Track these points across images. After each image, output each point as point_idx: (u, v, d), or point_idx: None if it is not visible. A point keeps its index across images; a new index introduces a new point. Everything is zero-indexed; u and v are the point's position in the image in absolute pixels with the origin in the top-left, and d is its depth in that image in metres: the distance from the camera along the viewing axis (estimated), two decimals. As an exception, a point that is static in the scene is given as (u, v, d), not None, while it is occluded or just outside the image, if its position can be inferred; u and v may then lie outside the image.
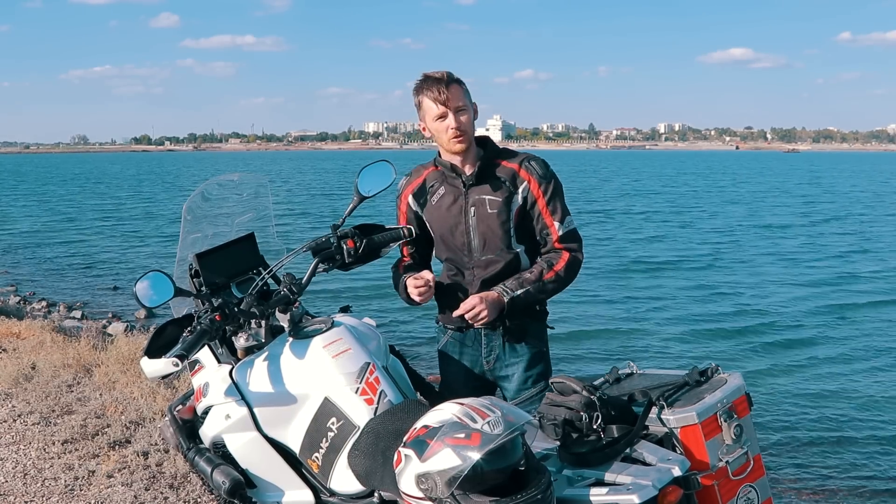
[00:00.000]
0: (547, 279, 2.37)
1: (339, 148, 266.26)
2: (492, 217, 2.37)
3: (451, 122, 2.35)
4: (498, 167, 2.41)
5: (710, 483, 1.79)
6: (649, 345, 8.74)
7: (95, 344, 5.93)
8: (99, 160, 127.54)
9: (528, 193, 2.37)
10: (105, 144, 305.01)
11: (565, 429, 1.86)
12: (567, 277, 2.40)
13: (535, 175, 2.38)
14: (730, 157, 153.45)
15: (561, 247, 2.40)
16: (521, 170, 2.39)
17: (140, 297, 2.01)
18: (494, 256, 2.39)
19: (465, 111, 2.37)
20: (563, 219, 2.40)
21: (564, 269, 2.39)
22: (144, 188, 42.73)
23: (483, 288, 2.40)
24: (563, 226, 2.40)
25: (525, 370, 2.45)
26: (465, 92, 2.39)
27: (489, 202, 2.38)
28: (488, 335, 2.45)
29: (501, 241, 2.38)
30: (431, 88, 2.36)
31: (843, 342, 8.87)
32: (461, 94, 2.37)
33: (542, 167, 2.40)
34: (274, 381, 2.05)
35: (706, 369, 1.97)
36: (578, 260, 2.43)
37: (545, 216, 2.39)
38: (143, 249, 17.18)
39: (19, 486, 3.47)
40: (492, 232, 2.38)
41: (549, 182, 2.38)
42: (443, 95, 2.34)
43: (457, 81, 2.38)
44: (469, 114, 2.39)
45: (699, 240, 18.61)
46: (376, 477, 1.85)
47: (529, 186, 2.37)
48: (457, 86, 2.37)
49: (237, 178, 2.62)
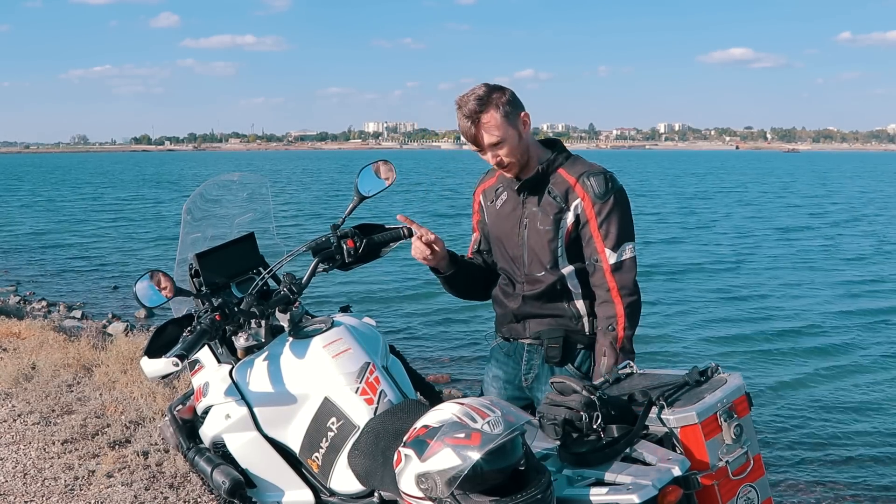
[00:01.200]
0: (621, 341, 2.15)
1: (339, 148, 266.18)
2: (541, 233, 2.23)
3: (489, 159, 2.22)
4: (556, 179, 2.23)
5: (710, 483, 1.79)
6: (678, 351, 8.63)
7: (95, 344, 5.93)
8: (99, 160, 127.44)
9: (580, 212, 2.18)
10: (105, 144, 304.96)
11: (565, 429, 1.86)
12: (633, 325, 2.18)
13: (590, 193, 2.16)
14: (731, 156, 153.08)
15: (612, 281, 2.16)
16: (578, 185, 2.18)
17: (140, 297, 2.01)
18: (539, 275, 2.26)
19: (502, 144, 2.17)
20: (619, 245, 2.16)
21: (626, 321, 2.15)
22: (144, 188, 42.74)
23: (525, 304, 2.28)
24: (617, 254, 2.16)
25: None
26: (505, 114, 2.16)
27: (540, 217, 2.23)
28: (530, 352, 2.34)
29: (547, 260, 2.24)
30: (462, 123, 2.18)
31: (851, 344, 8.81)
32: (495, 125, 2.16)
33: (601, 184, 2.16)
34: (274, 381, 2.05)
35: (706, 369, 1.97)
36: (637, 303, 2.18)
37: (596, 240, 2.17)
38: (142, 249, 17.18)
39: (19, 486, 3.48)
40: (540, 248, 2.24)
41: (605, 202, 2.15)
42: (471, 135, 2.18)
43: (490, 107, 2.15)
44: (509, 143, 2.18)
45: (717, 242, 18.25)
46: (376, 477, 1.85)
47: (583, 204, 2.17)
48: (490, 116, 2.15)
49: (237, 178, 2.62)
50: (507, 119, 2.18)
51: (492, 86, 2.21)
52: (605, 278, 2.17)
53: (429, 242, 2.28)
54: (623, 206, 2.19)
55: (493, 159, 2.23)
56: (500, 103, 2.17)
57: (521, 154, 2.23)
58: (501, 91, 2.20)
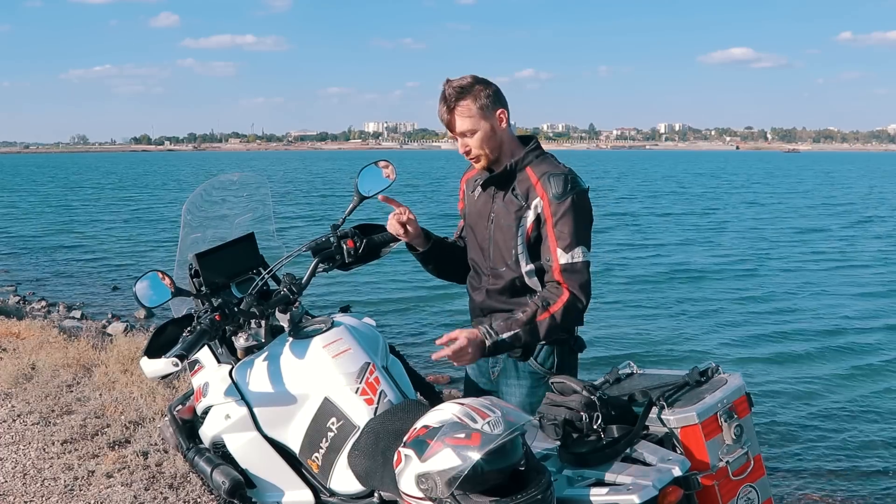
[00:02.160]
0: (540, 321, 2.13)
1: (339, 148, 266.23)
2: (504, 229, 2.26)
3: (459, 147, 2.27)
4: (522, 177, 2.25)
5: (711, 483, 1.79)
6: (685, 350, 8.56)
7: (95, 344, 5.93)
8: (99, 160, 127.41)
9: (540, 211, 2.19)
10: (105, 144, 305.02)
11: (565, 429, 1.86)
12: (564, 322, 2.15)
13: (549, 193, 2.17)
14: (733, 157, 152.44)
15: (561, 280, 2.16)
16: (539, 184, 2.20)
17: (140, 297, 2.01)
18: (501, 270, 2.28)
19: (473, 133, 2.22)
20: (571, 248, 2.15)
21: (562, 312, 2.13)
22: (144, 188, 42.74)
23: (489, 298, 2.32)
24: (569, 256, 2.15)
25: (526, 395, 2.30)
26: (482, 106, 2.21)
27: (504, 214, 2.26)
28: None
29: (509, 257, 2.26)
30: (440, 109, 2.24)
31: (857, 346, 8.73)
32: (468, 114, 2.21)
33: (560, 185, 2.16)
34: (274, 381, 2.05)
35: (706, 369, 1.97)
36: (580, 304, 2.15)
37: (550, 240, 2.17)
38: (142, 249, 17.17)
39: (19, 486, 3.47)
40: (503, 244, 2.26)
41: (561, 202, 2.15)
42: (445, 120, 2.25)
43: (469, 95, 2.20)
44: (480, 133, 2.22)
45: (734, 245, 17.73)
46: (376, 477, 1.85)
47: (542, 204, 2.18)
48: (466, 104, 2.20)
49: (237, 178, 2.62)
50: (483, 111, 2.22)
51: (478, 78, 2.26)
52: (556, 278, 2.18)
53: (401, 222, 2.32)
54: (580, 209, 2.18)
55: (463, 148, 2.28)
56: (480, 95, 2.22)
57: (491, 148, 2.26)
58: (485, 84, 2.24)
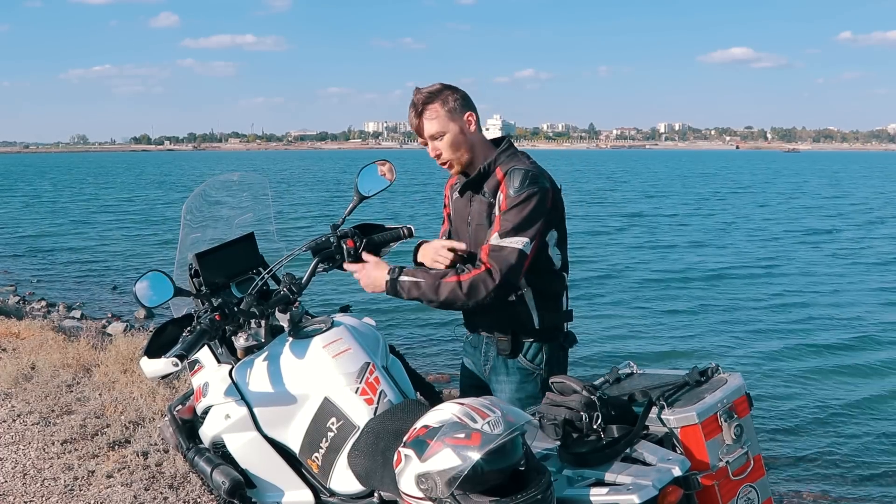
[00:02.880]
0: (446, 282, 2.14)
1: (338, 148, 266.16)
2: (480, 230, 2.29)
3: (430, 152, 2.31)
4: (492, 177, 2.29)
5: (711, 483, 1.79)
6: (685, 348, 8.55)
7: (95, 344, 5.93)
8: (99, 160, 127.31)
9: (500, 203, 2.22)
10: (105, 144, 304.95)
11: (565, 429, 1.86)
12: (469, 293, 2.13)
13: (509, 186, 2.20)
14: (734, 156, 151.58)
15: (485, 260, 2.16)
16: (503, 180, 2.24)
17: (140, 297, 2.01)
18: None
19: (441, 136, 2.26)
20: (506, 235, 2.15)
21: (469, 282, 2.13)
22: (144, 188, 42.74)
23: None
24: (500, 240, 2.15)
25: (515, 391, 2.33)
26: (449, 110, 2.25)
27: (478, 215, 2.30)
28: (487, 343, 2.39)
29: None
30: (409, 113, 2.29)
31: (863, 346, 8.72)
32: (436, 117, 2.25)
33: (519, 180, 2.19)
34: (274, 381, 2.05)
35: (706, 369, 1.97)
36: (490, 282, 2.13)
37: (494, 225, 2.20)
38: (142, 249, 17.17)
39: (19, 486, 3.47)
40: (479, 243, 2.27)
41: (517, 195, 2.17)
42: (414, 125, 2.29)
43: (437, 99, 2.25)
44: (449, 136, 2.26)
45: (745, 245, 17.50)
46: (376, 477, 1.85)
47: (501, 197, 2.22)
48: (433, 108, 2.25)
49: (237, 178, 2.62)
50: (451, 114, 2.26)
51: (446, 84, 2.32)
52: (480, 256, 2.18)
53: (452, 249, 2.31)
54: (532, 204, 2.17)
55: (433, 152, 2.31)
56: (447, 99, 2.27)
57: (461, 151, 2.29)
58: (453, 90, 2.30)
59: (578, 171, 62.97)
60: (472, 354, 2.49)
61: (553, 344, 2.36)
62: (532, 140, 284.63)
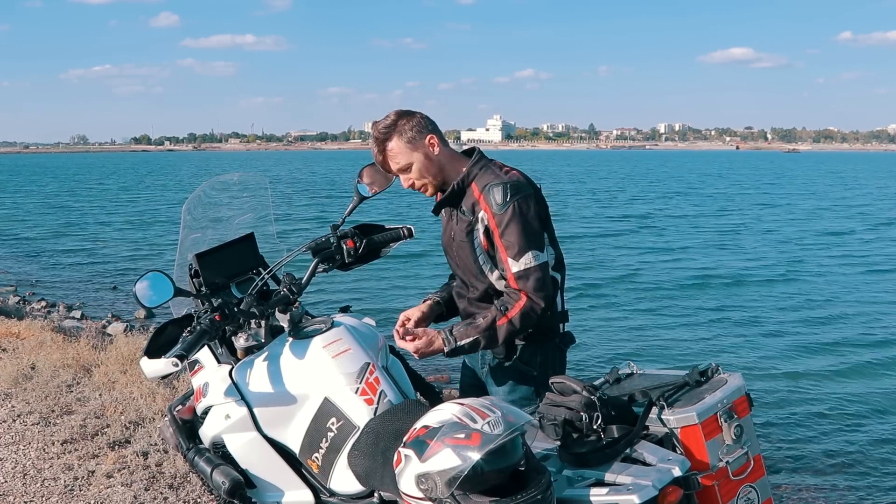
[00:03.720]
0: (499, 325, 2.18)
1: (338, 148, 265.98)
2: (462, 246, 2.30)
3: (403, 183, 2.32)
4: (468, 194, 2.28)
5: (711, 483, 1.79)
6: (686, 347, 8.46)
7: (95, 344, 5.93)
8: (99, 160, 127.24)
9: (487, 223, 2.21)
10: (105, 144, 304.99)
11: (565, 429, 1.86)
12: (522, 325, 2.18)
13: (492, 205, 2.19)
14: (736, 157, 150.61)
15: (517, 287, 2.19)
16: (481, 198, 2.22)
17: (140, 297, 2.01)
18: (473, 284, 2.32)
19: (409, 166, 2.26)
20: (520, 255, 2.17)
21: (519, 316, 2.17)
22: (144, 188, 42.74)
23: (471, 305, 2.36)
24: (520, 263, 2.18)
25: (508, 392, 2.35)
26: (409, 140, 2.24)
27: (458, 232, 2.30)
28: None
29: (474, 271, 2.30)
30: (373, 152, 2.29)
31: (867, 347, 8.67)
32: (398, 151, 2.25)
33: (500, 195, 2.18)
34: (274, 382, 2.05)
35: (706, 369, 1.97)
36: (537, 307, 2.18)
37: (500, 250, 2.20)
38: (142, 249, 17.17)
39: (19, 487, 3.47)
40: (466, 260, 2.30)
41: (503, 212, 2.17)
42: (379, 161, 2.29)
43: (394, 133, 2.24)
44: (416, 165, 2.26)
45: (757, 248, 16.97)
46: (376, 477, 1.85)
47: (487, 217, 2.21)
48: (393, 144, 2.24)
49: (237, 178, 2.62)
50: (411, 144, 2.25)
51: (400, 112, 2.29)
52: (513, 286, 2.21)
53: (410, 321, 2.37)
54: (522, 215, 2.19)
55: (405, 183, 2.31)
56: (404, 130, 2.25)
57: (432, 174, 2.29)
58: (408, 117, 2.27)
59: (581, 172, 62.68)
60: (472, 357, 2.49)
61: (548, 345, 2.35)
62: (532, 140, 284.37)
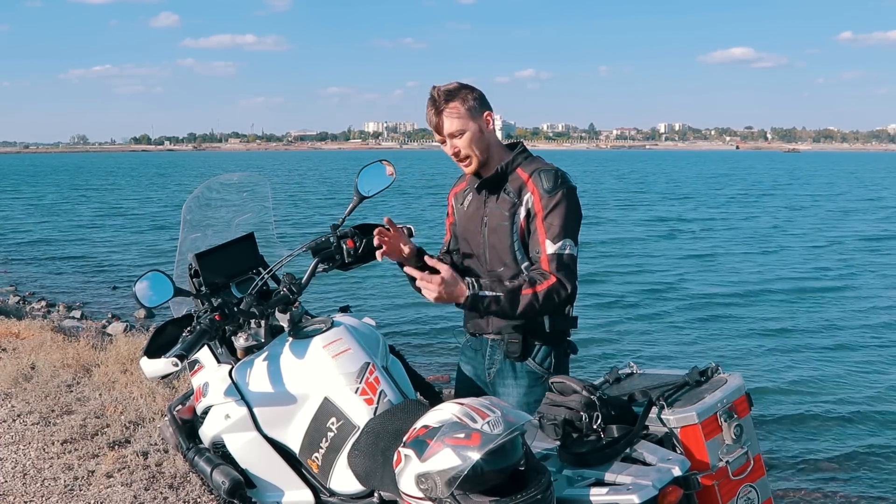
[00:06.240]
0: (523, 294, 2.13)
1: (339, 148, 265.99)
2: (499, 229, 2.29)
3: (448, 150, 2.31)
4: (513, 177, 2.29)
5: (711, 483, 1.79)
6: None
7: (95, 344, 5.93)
8: (99, 160, 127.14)
9: (531, 206, 2.23)
10: (105, 144, 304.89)
11: (565, 429, 1.86)
12: (544, 305, 2.14)
13: (539, 187, 2.22)
14: (739, 157, 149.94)
15: (548, 269, 2.17)
16: (530, 180, 2.25)
17: (139, 297, 2.01)
18: (499, 271, 2.29)
19: (462, 134, 2.27)
20: (559, 239, 2.18)
21: (544, 293, 2.13)
22: (144, 188, 42.73)
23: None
24: (557, 247, 2.18)
25: (524, 395, 2.32)
26: (469, 108, 2.26)
27: (498, 214, 2.29)
28: (493, 346, 2.37)
29: (507, 255, 2.28)
30: (427, 112, 2.29)
31: (870, 347, 8.66)
32: (457, 115, 2.25)
33: (550, 180, 2.22)
34: (274, 381, 2.05)
35: (706, 369, 1.97)
36: (563, 291, 2.15)
37: (539, 232, 2.20)
38: (142, 249, 17.17)
39: (19, 486, 3.47)
40: (499, 244, 2.29)
41: (552, 196, 2.20)
42: (433, 122, 2.29)
43: (457, 98, 2.26)
44: (469, 134, 2.27)
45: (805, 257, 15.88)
46: (376, 477, 1.85)
47: (533, 199, 2.23)
48: (454, 106, 2.25)
49: (237, 178, 2.63)
50: (470, 112, 2.27)
51: (464, 83, 2.32)
52: (543, 267, 2.19)
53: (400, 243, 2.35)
54: (570, 203, 2.22)
55: (452, 149, 2.31)
56: (467, 97, 2.28)
57: (480, 150, 2.30)
58: (471, 89, 2.31)
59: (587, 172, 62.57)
60: (473, 358, 2.46)
61: (559, 349, 2.35)
62: (532, 140, 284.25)
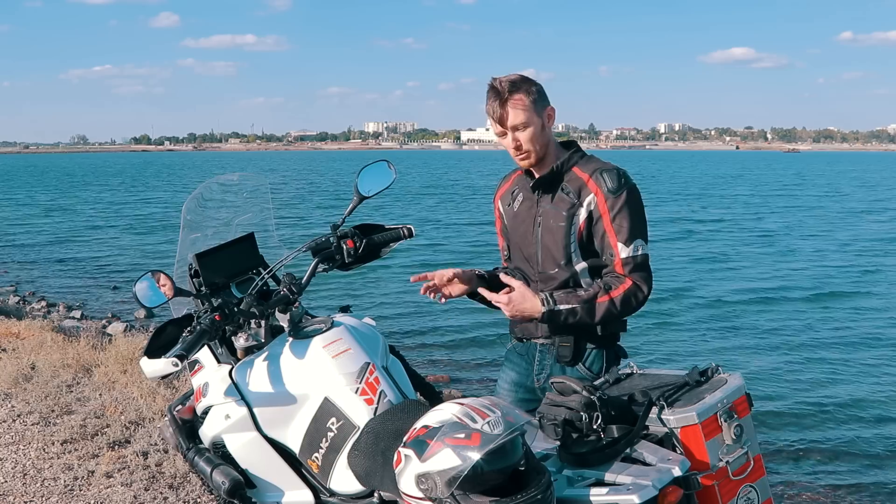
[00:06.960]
0: (600, 302, 2.13)
1: (339, 148, 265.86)
2: (555, 230, 2.24)
3: (508, 143, 2.26)
4: (570, 176, 2.24)
5: (711, 483, 1.79)
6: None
7: (95, 344, 5.93)
8: (99, 160, 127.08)
9: (593, 208, 2.18)
10: (105, 144, 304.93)
11: (565, 429, 1.86)
12: (623, 309, 2.15)
13: (603, 188, 2.17)
14: (738, 157, 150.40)
15: (623, 273, 2.16)
16: (591, 180, 2.20)
17: (139, 297, 2.01)
18: (552, 272, 2.26)
19: (525, 127, 2.22)
20: (631, 241, 2.16)
21: (621, 298, 2.13)
22: (144, 188, 42.73)
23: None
24: (630, 249, 2.16)
25: None
26: (533, 101, 2.22)
27: (553, 214, 2.25)
28: (542, 351, 2.33)
29: (560, 257, 2.24)
30: (490, 103, 2.24)
31: (871, 347, 8.64)
32: (522, 107, 2.21)
33: (614, 180, 2.18)
34: (274, 381, 2.05)
35: (706, 369, 1.97)
36: (641, 294, 2.16)
37: (609, 234, 2.17)
38: (142, 249, 17.17)
39: (19, 486, 3.47)
40: (553, 245, 2.24)
41: (617, 196, 2.16)
42: (497, 114, 2.22)
43: (521, 90, 2.21)
44: (532, 129, 2.22)
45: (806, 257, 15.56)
46: (376, 477, 1.85)
47: (596, 200, 2.18)
48: (519, 98, 2.21)
49: (237, 178, 2.62)
50: (535, 105, 2.23)
51: (525, 76, 2.28)
52: (618, 271, 2.18)
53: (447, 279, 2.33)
54: (635, 202, 2.20)
55: (513, 143, 2.25)
56: (531, 90, 2.23)
57: (540, 144, 2.26)
58: (532, 82, 2.27)
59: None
60: (519, 364, 2.41)
61: (610, 352, 2.31)
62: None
